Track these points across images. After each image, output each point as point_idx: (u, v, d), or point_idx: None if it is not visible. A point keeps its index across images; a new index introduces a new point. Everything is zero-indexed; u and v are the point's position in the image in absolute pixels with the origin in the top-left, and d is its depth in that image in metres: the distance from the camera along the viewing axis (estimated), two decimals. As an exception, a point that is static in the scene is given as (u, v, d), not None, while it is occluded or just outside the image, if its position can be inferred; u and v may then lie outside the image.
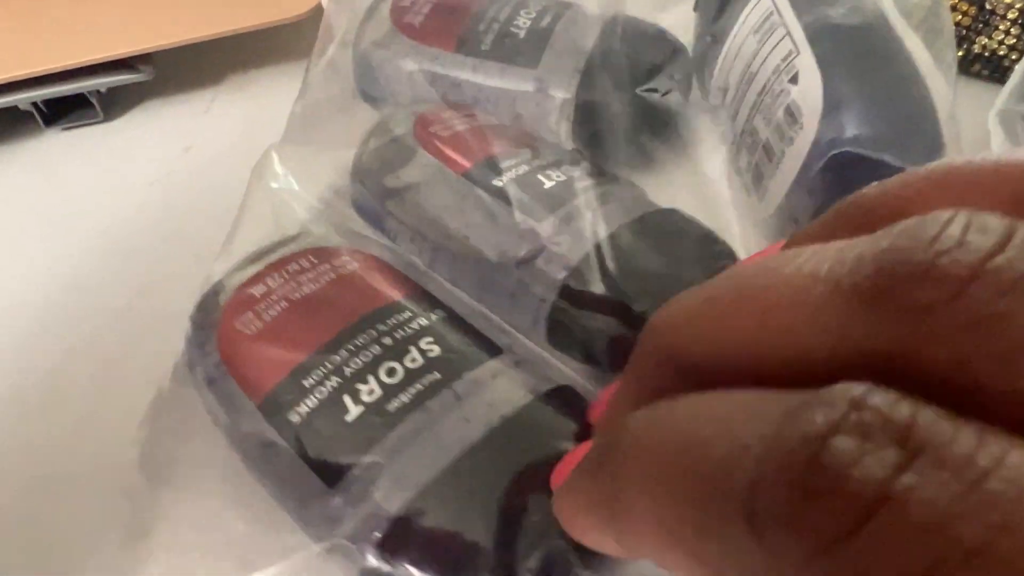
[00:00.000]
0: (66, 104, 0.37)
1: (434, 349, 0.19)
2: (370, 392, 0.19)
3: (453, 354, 0.20)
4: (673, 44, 0.30)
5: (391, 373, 0.19)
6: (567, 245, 0.22)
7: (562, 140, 0.28)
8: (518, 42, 0.28)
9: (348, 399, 0.19)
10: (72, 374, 0.27)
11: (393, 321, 0.20)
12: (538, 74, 0.28)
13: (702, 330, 0.11)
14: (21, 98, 0.35)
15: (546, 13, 0.29)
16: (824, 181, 0.23)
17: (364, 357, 0.19)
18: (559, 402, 0.19)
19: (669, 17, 0.31)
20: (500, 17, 0.29)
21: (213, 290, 0.22)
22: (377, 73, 0.30)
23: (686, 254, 0.22)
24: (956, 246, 0.08)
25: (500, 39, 0.28)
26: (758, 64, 0.26)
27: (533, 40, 0.28)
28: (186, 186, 0.34)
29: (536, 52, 0.28)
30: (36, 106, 0.36)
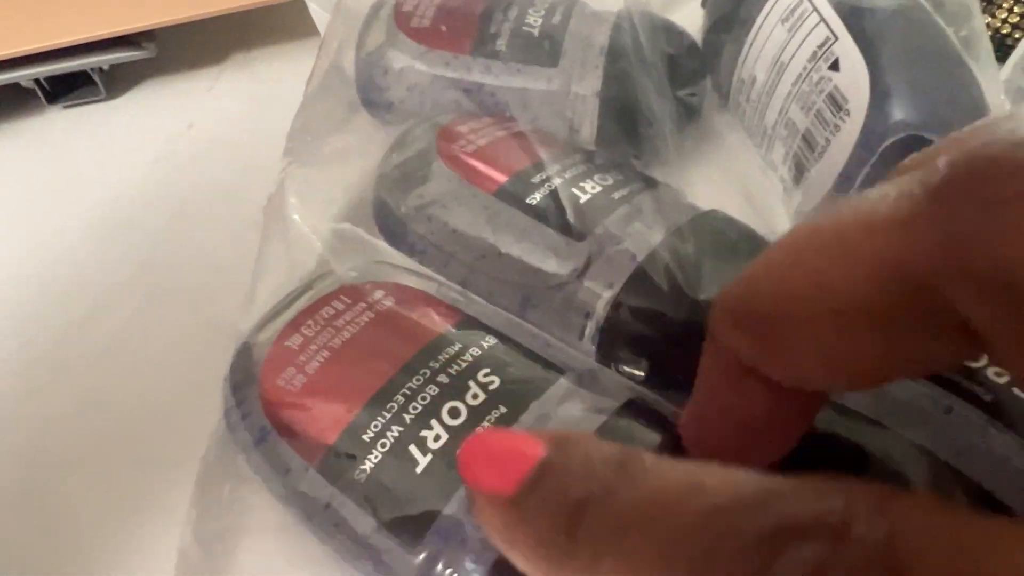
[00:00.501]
0: (68, 81, 0.36)
1: (494, 380, 0.18)
2: (436, 438, 0.17)
3: (514, 384, 0.19)
4: (688, 37, 0.29)
5: (454, 414, 0.18)
6: (615, 259, 0.21)
7: (585, 140, 0.27)
8: (533, 41, 0.27)
9: (415, 449, 0.17)
10: (74, 351, 0.27)
11: (444, 356, 0.19)
12: (559, 72, 0.27)
13: (771, 280, 0.11)
14: (23, 75, 0.34)
15: (556, 9, 0.28)
16: (885, 166, 0.22)
17: (423, 400, 0.18)
18: (631, 418, 0.18)
19: (675, 14, 0.30)
20: (509, 16, 0.28)
21: (245, 346, 0.21)
22: (382, 80, 0.28)
23: (740, 254, 0.21)
24: None
25: (515, 39, 0.27)
26: (789, 54, 0.25)
27: (548, 38, 0.27)
28: (189, 164, 0.33)
29: (554, 50, 0.27)
30: (38, 83, 0.35)
